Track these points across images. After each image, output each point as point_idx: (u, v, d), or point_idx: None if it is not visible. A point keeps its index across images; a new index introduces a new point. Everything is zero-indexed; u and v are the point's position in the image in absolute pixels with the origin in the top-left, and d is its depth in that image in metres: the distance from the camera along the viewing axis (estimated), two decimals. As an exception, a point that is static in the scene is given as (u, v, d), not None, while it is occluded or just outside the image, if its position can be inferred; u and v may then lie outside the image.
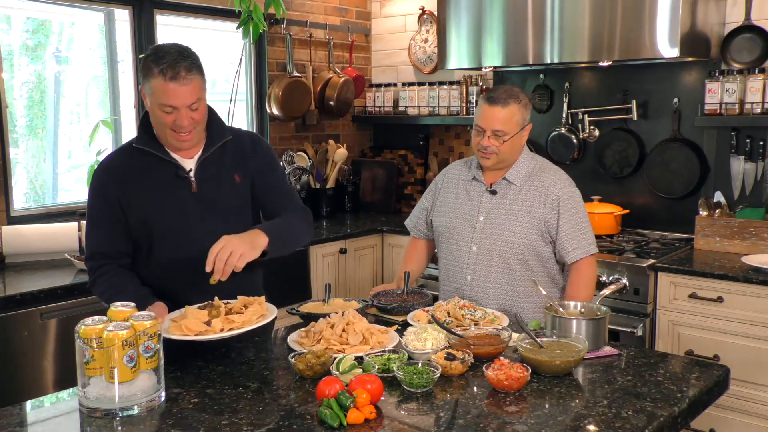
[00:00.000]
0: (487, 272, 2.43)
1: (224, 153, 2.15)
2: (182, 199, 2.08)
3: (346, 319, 2.02)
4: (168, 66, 1.93)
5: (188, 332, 1.85)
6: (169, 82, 1.93)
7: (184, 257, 2.06)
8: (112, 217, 2.07)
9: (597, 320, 2.01)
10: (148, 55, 1.98)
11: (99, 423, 1.59)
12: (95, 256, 2.10)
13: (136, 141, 2.09)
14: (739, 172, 3.51)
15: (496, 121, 2.37)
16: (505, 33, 3.69)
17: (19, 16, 3.63)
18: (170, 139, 2.03)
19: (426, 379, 1.71)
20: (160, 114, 1.98)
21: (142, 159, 2.08)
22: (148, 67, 1.96)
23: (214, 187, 2.11)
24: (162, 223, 2.07)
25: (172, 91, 1.94)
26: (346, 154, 4.60)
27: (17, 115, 3.62)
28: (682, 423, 1.67)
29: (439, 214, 2.60)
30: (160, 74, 1.93)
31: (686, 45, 3.21)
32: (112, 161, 2.12)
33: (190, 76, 1.96)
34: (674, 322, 3.15)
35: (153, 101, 1.97)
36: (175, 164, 2.08)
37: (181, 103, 1.96)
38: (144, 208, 2.06)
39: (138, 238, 2.10)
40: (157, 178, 2.07)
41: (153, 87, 1.95)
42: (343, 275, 4.04)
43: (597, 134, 3.95)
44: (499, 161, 2.43)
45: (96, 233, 2.10)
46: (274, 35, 4.39)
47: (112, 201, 2.06)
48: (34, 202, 3.67)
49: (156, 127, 2.04)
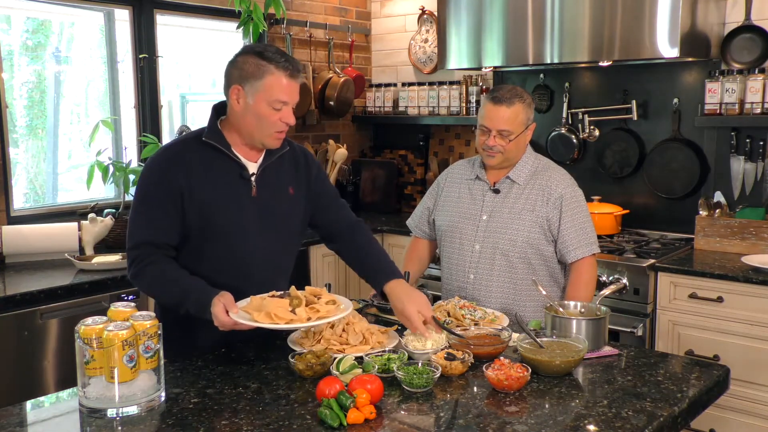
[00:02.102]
0: (489, 271, 2.43)
1: (282, 163, 2.17)
2: (242, 200, 2.07)
3: (346, 319, 2.02)
4: (288, 62, 1.98)
5: (279, 320, 1.84)
6: (289, 78, 1.98)
7: (233, 257, 2.06)
8: (171, 206, 2.01)
9: (597, 320, 2.01)
10: (254, 53, 1.99)
11: (99, 423, 1.59)
12: (143, 245, 2.00)
13: (205, 134, 2.07)
14: (739, 172, 3.51)
15: (501, 121, 2.38)
16: (505, 33, 3.69)
17: (19, 16, 3.63)
18: (269, 138, 2.03)
19: (426, 379, 1.71)
20: (268, 112, 1.98)
21: (209, 153, 2.06)
22: (257, 65, 1.97)
23: (271, 194, 2.12)
24: (221, 219, 2.04)
25: (290, 87, 1.99)
26: (346, 154, 4.59)
27: (17, 115, 3.62)
28: (682, 423, 1.67)
29: (442, 213, 2.60)
30: (279, 70, 1.96)
31: (686, 45, 3.21)
32: (179, 150, 2.07)
33: (302, 75, 2.05)
34: (674, 322, 3.15)
35: (262, 98, 1.97)
36: (241, 165, 2.08)
37: (293, 99, 2.01)
38: (205, 201, 2.03)
39: (190, 233, 2.05)
40: (223, 174, 2.06)
41: (267, 83, 1.96)
42: (343, 275, 4.04)
43: (597, 134, 3.95)
44: (504, 160, 2.44)
45: (148, 222, 2.01)
46: (274, 35, 4.39)
47: (175, 189, 2.00)
48: (34, 202, 3.67)
49: (254, 126, 2.02)
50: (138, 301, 3.05)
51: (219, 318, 1.86)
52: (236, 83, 2.00)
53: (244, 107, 2.01)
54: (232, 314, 1.86)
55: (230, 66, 2.03)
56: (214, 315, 1.87)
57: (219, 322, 1.87)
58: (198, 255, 2.06)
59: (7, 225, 3.29)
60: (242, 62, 2.00)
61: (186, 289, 1.95)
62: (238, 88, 2.00)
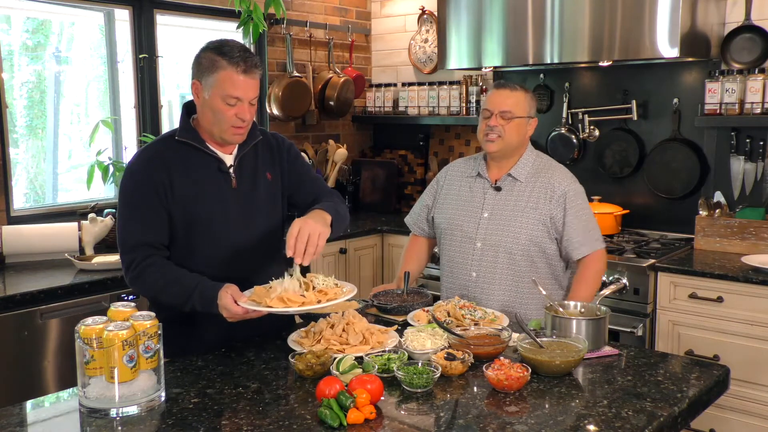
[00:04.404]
0: (492, 268, 2.43)
1: (257, 151, 2.19)
2: (224, 193, 2.09)
3: (346, 319, 2.03)
4: (241, 58, 1.98)
5: (292, 304, 1.86)
6: (241, 74, 1.98)
7: (221, 249, 2.08)
8: (158, 206, 2.03)
9: (597, 320, 2.01)
10: (211, 48, 2.00)
11: (99, 423, 1.59)
12: (139, 247, 2.01)
13: (178, 134, 2.08)
14: (739, 172, 3.51)
15: (504, 103, 2.43)
16: (505, 33, 3.70)
17: (19, 16, 3.63)
18: (226, 133, 2.04)
19: (426, 379, 1.71)
20: (222, 107, 2.00)
21: (184, 151, 2.07)
22: (212, 60, 1.98)
23: (251, 183, 2.15)
24: (204, 213, 2.06)
25: (243, 83, 1.99)
26: (346, 154, 4.59)
27: (17, 115, 3.62)
28: (682, 423, 1.67)
29: (441, 210, 2.60)
30: (231, 65, 1.97)
31: (686, 45, 3.21)
32: (157, 151, 2.09)
33: (257, 71, 2.02)
34: (674, 322, 3.15)
35: (216, 93, 1.99)
36: (218, 158, 2.10)
37: (247, 95, 2.01)
38: (187, 197, 2.04)
39: (176, 230, 2.06)
40: (201, 170, 2.08)
41: (220, 78, 1.97)
42: (343, 275, 4.04)
43: (597, 134, 3.95)
44: (503, 146, 2.44)
45: (139, 224, 2.03)
46: (274, 35, 4.39)
47: (159, 189, 2.02)
48: (34, 202, 3.67)
49: (211, 121, 2.04)
50: (138, 301, 3.04)
51: (229, 309, 1.87)
52: (195, 78, 2.03)
53: (202, 102, 2.04)
54: (241, 302, 1.86)
55: (193, 61, 2.06)
56: (223, 306, 1.88)
57: (229, 313, 1.88)
58: (187, 251, 2.08)
59: (7, 225, 3.29)
60: (201, 57, 2.03)
61: (189, 285, 1.96)
62: (196, 82, 2.03)
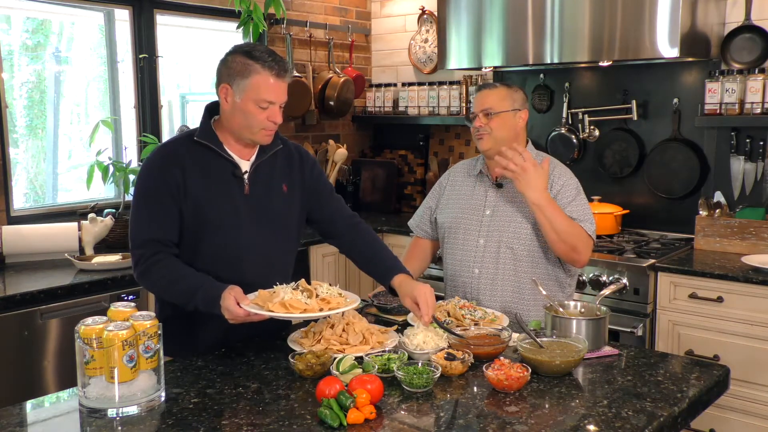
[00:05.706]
0: (495, 265, 2.44)
1: (275, 161, 2.18)
2: (235, 198, 2.09)
3: (346, 319, 2.03)
4: (274, 62, 2.00)
5: (293, 310, 1.87)
6: (274, 78, 1.99)
7: (226, 254, 2.08)
8: (171, 202, 2.03)
9: (597, 320, 2.01)
10: (242, 53, 2.01)
11: (99, 423, 1.59)
12: (149, 243, 2.01)
13: (197, 134, 2.09)
14: (739, 172, 3.51)
15: (484, 102, 2.47)
16: (505, 33, 3.69)
17: (19, 16, 3.63)
18: (257, 135, 2.05)
19: (426, 379, 1.71)
20: (254, 110, 2.00)
21: (202, 152, 2.08)
22: (244, 64, 1.98)
23: (264, 192, 2.14)
24: (214, 216, 2.06)
25: (276, 87, 2.01)
26: (346, 154, 4.59)
27: (17, 115, 3.62)
28: (682, 423, 1.67)
29: (445, 210, 2.61)
30: (265, 69, 1.98)
31: (686, 45, 3.21)
32: (176, 147, 2.10)
33: (288, 75, 2.05)
34: (674, 322, 3.15)
35: (249, 97, 1.99)
36: (233, 163, 2.09)
37: (280, 99, 2.02)
38: (199, 199, 2.04)
39: (185, 229, 2.06)
40: (215, 173, 2.08)
41: (254, 82, 1.98)
42: (343, 275, 4.04)
43: (597, 134, 3.95)
44: (494, 142, 2.45)
45: (151, 219, 2.03)
46: (274, 35, 4.39)
47: (173, 185, 2.03)
48: (34, 202, 3.67)
49: (241, 124, 2.04)
50: (138, 301, 3.05)
51: (231, 310, 1.87)
52: (225, 81, 2.02)
53: (232, 105, 2.03)
54: (244, 305, 1.86)
55: (220, 64, 2.05)
56: (226, 308, 1.88)
57: (231, 315, 1.88)
58: (192, 251, 2.08)
59: (7, 225, 3.29)
60: (231, 61, 2.02)
61: (193, 285, 1.96)
62: (226, 86, 2.02)
